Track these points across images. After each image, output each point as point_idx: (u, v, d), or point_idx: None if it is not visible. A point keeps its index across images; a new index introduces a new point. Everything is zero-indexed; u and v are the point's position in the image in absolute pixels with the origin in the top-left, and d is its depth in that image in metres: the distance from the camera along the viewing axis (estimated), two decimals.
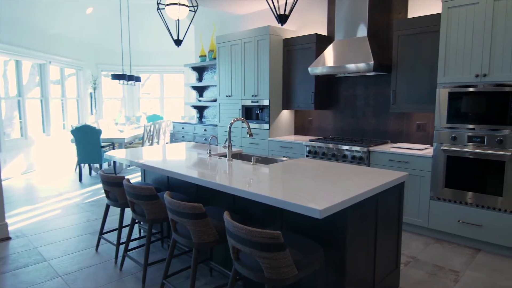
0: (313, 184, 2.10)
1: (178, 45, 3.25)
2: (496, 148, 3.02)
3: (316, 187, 2.03)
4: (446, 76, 3.27)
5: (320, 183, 2.14)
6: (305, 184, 2.12)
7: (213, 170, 2.57)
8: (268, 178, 2.29)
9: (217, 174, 2.43)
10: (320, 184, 2.10)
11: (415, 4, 3.93)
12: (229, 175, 2.40)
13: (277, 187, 2.05)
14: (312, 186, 2.07)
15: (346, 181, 2.19)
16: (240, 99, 5.24)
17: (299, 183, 2.14)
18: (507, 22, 2.89)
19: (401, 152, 3.56)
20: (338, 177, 2.29)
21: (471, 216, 3.19)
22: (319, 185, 2.08)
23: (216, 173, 2.49)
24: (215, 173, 2.49)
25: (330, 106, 4.82)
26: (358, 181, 2.18)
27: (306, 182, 2.17)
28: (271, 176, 2.36)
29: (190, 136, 6.40)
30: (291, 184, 2.11)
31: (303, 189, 1.99)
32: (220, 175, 2.42)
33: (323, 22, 4.81)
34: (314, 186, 2.06)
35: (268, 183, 2.16)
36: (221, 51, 5.48)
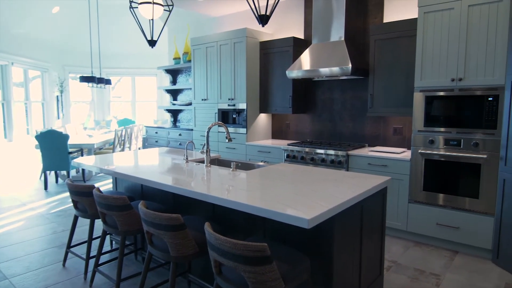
0: (297, 191, 2.02)
1: (152, 46, 3.10)
2: (472, 151, 3.07)
3: (301, 194, 1.95)
4: (423, 80, 3.30)
5: (304, 189, 2.06)
6: (289, 191, 2.03)
7: (191, 177, 2.44)
8: (250, 185, 2.19)
9: (195, 182, 2.31)
10: (304, 191, 2.02)
11: (390, 9, 3.97)
12: (208, 183, 2.28)
13: (260, 195, 1.96)
14: (296, 193, 1.99)
15: (330, 187, 2.13)
16: (216, 102, 5.12)
17: (283, 190, 2.06)
18: (481, 27, 2.95)
19: (379, 156, 3.56)
20: (321, 183, 2.22)
21: (448, 218, 3.22)
22: (303, 192, 2.00)
23: (194, 180, 2.36)
24: (193, 180, 2.36)
25: (308, 110, 4.79)
26: (342, 187, 2.12)
27: (289, 188, 2.09)
28: (253, 182, 2.26)
29: (164, 141, 6.19)
30: (274, 192, 2.01)
31: (288, 197, 1.90)
32: (198, 182, 2.29)
33: (300, 25, 4.78)
34: (299, 193, 1.97)
35: (250, 190, 2.06)
36: (196, 53, 5.34)
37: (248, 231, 2.25)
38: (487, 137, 2.99)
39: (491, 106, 2.95)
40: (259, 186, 2.15)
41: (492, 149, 2.97)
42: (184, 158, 3.09)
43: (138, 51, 9.60)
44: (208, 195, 1.99)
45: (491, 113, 2.95)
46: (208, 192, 2.02)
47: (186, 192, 2.12)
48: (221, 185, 2.21)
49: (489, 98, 2.95)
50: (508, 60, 2.83)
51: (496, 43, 2.90)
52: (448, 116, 3.18)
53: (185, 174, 2.56)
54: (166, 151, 3.74)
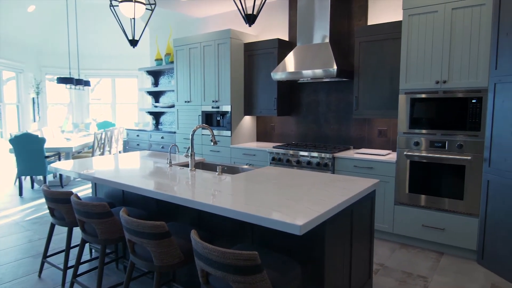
0: (287, 195, 1.96)
1: (134, 46, 2.99)
2: (457, 153, 3.10)
3: (291, 199, 1.89)
4: (408, 82, 3.31)
5: (293, 194, 2.01)
6: (278, 195, 1.97)
7: (175, 182, 2.35)
8: (238, 190, 2.11)
9: (179, 187, 2.21)
10: (293, 195, 1.97)
11: (374, 11, 3.98)
12: (193, 187, 2.19)
13: (249, 200, 1.89)
14: (286, 197, 1.93)
15: (320, 191, 2.08)
16: (200, 104, 5.02)
17: (272, 194, 1.99)
18: (465, 30, 2.99)
19: (365, 158, 3.55)
20: (310, 187, 2.17)
21: (434, 220, 3.24)
22: (293, 196, 1.94)
23: (178, 185, 2.26)
24: (177, 185, 2.26)
25: (293, 112, 4.75)
26: (332, 191, 2.07)
27: (278, 193, 2.02)
28: (240, 187, 2.19)
29: (146, 144, 6.04)
30: (263, 196, 1.95)
31: (278, 202, 1.84)
32: (183, 187, 2.20)
33: (284, 27, 4.75)
34: (288, 198, 1.91)
35: (238, 195, 1.99)
36: (178, 54, 5.23)
37: (235, 238, 2.17)
38: (471, 138, 3.02)
39: (474, 108, 2.98)
40: (247, 191, 2.08)
41: (476, 150, 3.00)
42: (168, 162, 2.98)
43: (118, 52, 9.37)
44: (194, 201, 1.91)
45: (475, 115, 2.98)
46: (193, 198, 1.94)
47: (170, 198, 2.03)
48: (207, 190, 2.12)
49: (473, 100, 2.99)
50: (491, 62, 2.86)
51: (479, 46, 2.93)
52: (432, 118, 3.20)
53: (168, 178, 2.47)
54: (148, 155, 3.62)
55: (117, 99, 10.39)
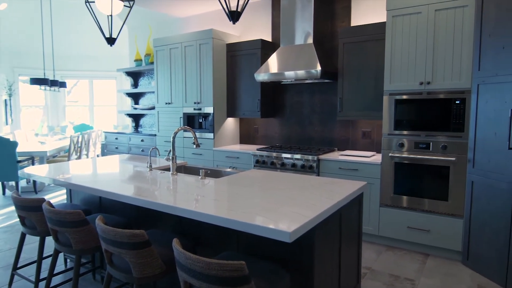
0: (273, 200, 1.88)
1: (111, 44, 2.85)
2: (441, 154, 3.10)
3: (278, 203, 1.81)
4: (392, 83, 3.30)
5: (280, 198, 1.92)
6: (265, 200, 1.88)
7: (155, 187, 2.23)
8: (222, 194, 2.01)
9: (160, 192, 2.10)
10: (281, 200, 1.89)
11: (358, 13, 3.97)
12: (175, 193, 2.07)
13: (234, 205, 1.79)
14: (272, 202, 1.84)
15: (307, 194, 2.01)
16: (181, 106, 4.88)
17: (258, 199, 1.90)
18: (448, 31, 2.99)
19: (350, 160, 3.52)
20: (298, 191, 2.10)
21: (419, 221, 3.22)
22: (280, 201, 1.86)
23: (159, 190, 2.14)
24: (157, 190, 2.14)
25: (277, 114, 4.69)
26: (320, 194, 2.01)
27: (265, 197, 1.94)
28: (224, 191, 2.09)
29: (125, 147, 5.84)
30: (249, 201, 1.86)
31: (264, 207, 1.75)
32: (164, 193, 2.08)
33: (267, 27, 4.69)
34: (275, 202, 1.83)
35: (222, 200, 1.89)
36: (159, 55, 5.08)
37: (220, 245, 2.07)
38: (455, 139, 3.02)
39: (458, 109, 2.99)
40: (232, 195, 1.99)
41: (460, 151, 3.00)
42: (148, 165, 2.85)
43: (96, 52, 9.09)
44: (175, 207, 1.80)
45: (458, 116, 2.99)
46: (174, 204, 1.82)
47: (150, 204, 1.91)
48: (189, 195, 2.01)
49: (457, 101, 2.99)
50: (474, 64, 2.87)
51: (462, 47, 2.94)
52: (417, 119, 3.19)
53: (148, 183, 2.34)
54: (127, 158, 3.47)
55: (95, 101, 10.07)
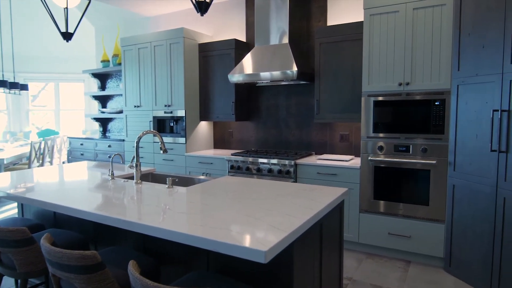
0: (247, 212, 1.68)
1: (67, 39, 2.57)
2: (421, 157, 3.00)
3: (252, 216, 1.61)
4: (370, 84, 3.19)
5: (256, 209, 1.73)
6: (238, 211, 1.68)
7: (115, 199, 1.97)
8: (190, 206, 1.79)
9: (119, 205, 1.85)
10: (256, 211, 1.69)
11: (334, 12, 3.86)
12: (136, 205, 1.83)
13: (203, 219, 1.58)
14: (246, 214, 1.64)
15: (286, 204, 1.82)
16: (151, 109, 4.61)
17: (231, 211, 1.70)
18: (426, 30, 2.91)
19: (329, 164, 3.37)
20: (275, 200, 1.91)
21: (400, 227, 3.11)
22: (255, 212, 1.66)
23: (118, 203, 1.90)
24: (116, 203, 1.89)
25: (252, 117, 4.50)
26: (299, 204, 1.82)
27: (238, 208, 1.73)
28: (192, 203, 1.87)
29: (91, 153, 5.48)
30: (221, 213, 1.65)
31: (236, 220, 1.55)
32: (123, 205, 1.84)
33: (241, 27, 4.51)
34: (249, 214, 1.63)
35: (191, 213, 1.67)
36: (127, 55, 4.79)
37: (188, 264, 1.84)
38: (435, 142, 2.93)
39: (438, 110, 2.90)
40: (202, 207, 1.77)
41: (441, 154, 2.91)
42: (109, 174, 2.58)
43: (63, 54, 8.62)
44: (133, 222, 1.56)
45: (438, 117, 2.90)
46: (133, 219, 1.59)
47: (104, 220, 1.67)
48: (152, 207, 1.78)
49: (436, 103, 2.91)
50: (453, 64, 2.80)
51: (441, 46, 2.87)
52: (396, 122, 3.08)
53: (107, 194, 2.08)
54: (90, 166, 3.17)
55: (62, 105, 9.55)
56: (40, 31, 8.08)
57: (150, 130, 2.48)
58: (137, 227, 1.55)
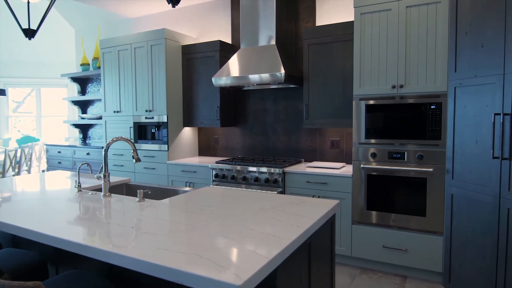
0: (225, 231, 1.45)
1: (30, 37, 2.32)
2: (417, 165, 2.80)
3: (230, 236, 1.38)
4: (362, 87, 3.00)
5: (234, 228, 1.49)
6: (213, 231, 1.45)
7: (75, 217, 1.72)
8: (157, 226, 1.55)
9: (77, 224, 1.60)
10: (234, 230, 1.46)
11: (323, 13, 3.68)
12: (96, 224, 1.59)
13: (169, 242, 1.34)
14: (223, 234, 1.41)
15: (269, 221, 1.59)
16: (132, 115, 4.35)
17: (204, 230, 1.46)
18: (420, 30, 2.74)
19: (319, 173, 3.16)
20: (257, 216, 1.68)
21: (395, 240, 2.90)
22: (233, 232, 1.43)
23: (77, 221, 1.65)
24: (75, 221, 1.64)
25: (238, 123, 4.28)
26: (284, 220, 1.60)
27: (214, 227, 1.50)
28: (162, 221, 1.63)
29: (69, 161, 5.18)
30: (191, 235, 1.41)
31: (210, 243, 1.31)
32: (81, 225, 1.59)
33: (226, 29, 4.30)
34: (226, 235, 1.40)
35: (156, 234, 1.43)
36: (106, 57, 4.54)
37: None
38: (431, 148, 2.75)
39: (434, 114, 2.72)
40: (171, 226, 1.53)
41: (438, 161, 2.72)
42: (76, 185, 2.32)
43: (44, 58, 8.31)
44: (86, 246, 1.31)
45: (434, 122, 2.72)
46: (88, 243, 1.34)
47: (61, 243, 1.42)
48: (114, 227, 1.53)
49: (432, 106, 2.72)
50: (449, 65, 2.62)
51: (436, 46, 2.69)
52: (390, 127, 2.89)
53: (69, 211, 1.83)
54: (63, 176, 2.90)
55: (45, 111, 9.21)
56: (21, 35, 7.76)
57: (121, 137, 2.24)
58: (89, 251, 1.31)
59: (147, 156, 4.23)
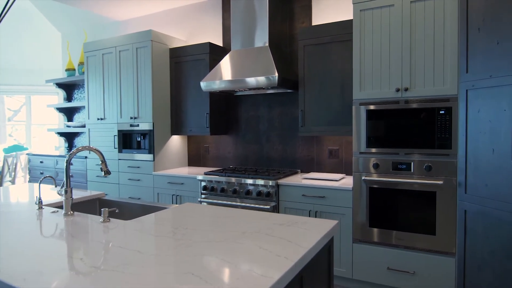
0: (193, 265, 1.15)
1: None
2: (425, 177, 2.51)
3: (197, 274, 1.08)
4: (363, 91, 2.72)
5: (207, 260, 1.20)
6: (179, 267, 1.15)
7: (21, 241, 1.42)
8: (111, 256, 1.25)
9: (20, 252, 1.30)
10: (206, 265, 1.16)
11: (319, 12, 3.42)
12: (40, 253, 1.29)
13: (116, 282, 1.04)
14: (191, 271, 1.11)
15: (252, 250, 1.29)
16: (116, 122, 4.07)
17: (169, 265, 1.17)
18: (427, 26, 2.47)
19: (316, 185, 2.87)
20: (238, 242, 1.38)
21: (401, 261, 2.59)
22: (202, 268, 1.13)
23: (22, 248, 1.35)
24: (19, 250, 1.34)
25: (230, 131, 4.00)
26: (271, 249, 1.30)
27: (180, 259, 1.20)
28: (123, 251, 1.33)
29: (52, 172, 4.89)
30: (148, 271, 1.11)
31: (170, 284, 1.02)
32: (25, 253, 1.29)
33: (217, 31, 4.05)
34: (194, 271, 1.10)
35: (104, 270, 1.13)
36: (90, 61, 4.28)
37: None
38: (441, 158, 2.46)
39: (443, 120, 2.44)
40: (129, 257, 1.23)
41: (448, 173, 2.43)
42: (37, 202, 2.03)
43: (33, 65, 8.06)
44: (9, 285, 1.02)
45: (444, 129, 2.44)
46: (17, 280, 1.04)
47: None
48: (62, 259, 1.24)
49: (441, 111, 2.44)
50: (460, 65, 2.35)
51: (445, 45, 2.42)
52: (394, 134, 2.61)
53: (15, 234, 1.53)
54: (32, 188, 2.60)
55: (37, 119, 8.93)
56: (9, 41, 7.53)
57: (88, 146, 1.95)
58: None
59: (132, 167, 3.94)
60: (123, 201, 2.34)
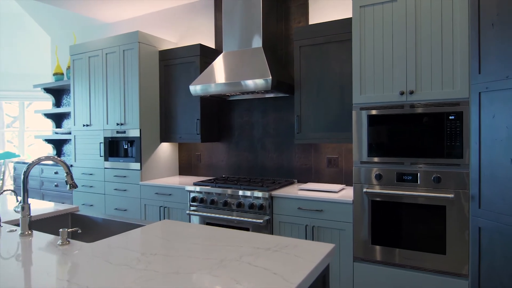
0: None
1: None
2: (433, 189, 2.26)
3: None
4: (363, 95, 2.49)
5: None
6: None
7: None
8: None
9: None
10: None
11: (316, 12, 3.21)
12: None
13: None
14: None
15: (228, 285, 1.05)
16: (102, 129, 3.84)
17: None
18: (434, 23, 2.24)
19: (313, 197, 2.62)
20: (212, 274, 1.14)
21: (408, 282, 2.34)
22: None
23: None
24: None
25: (222, 138, 3.76)
26: (252, 285, 1.05)
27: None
28: (68, 283, 1.09)
29: (36, 181, 4.65)
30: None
31: None
32: None
33: (210, 32, 3.83)
34: None
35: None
36: (76, 65, 4.07)
37: None
38: (451, 169, 2.21)
39: (453, 126, 2.19)
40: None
41: (459, 185, 2.19)
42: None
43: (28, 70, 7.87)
44: None
45: (454, 136, 2.20)
46: None
47: None
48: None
49: (450, 117, 2.20)
50: (471, 65, 2.12)
51: (454, 43, 2.19)
52: (398, 142, 2.37)
53: None
54: (4, 200, 2.37)
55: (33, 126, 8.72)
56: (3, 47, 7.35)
57: (51, 156, 1.72)
58: None
59: (118, 176, 3.70)
60: (98, 217, 2.10)
